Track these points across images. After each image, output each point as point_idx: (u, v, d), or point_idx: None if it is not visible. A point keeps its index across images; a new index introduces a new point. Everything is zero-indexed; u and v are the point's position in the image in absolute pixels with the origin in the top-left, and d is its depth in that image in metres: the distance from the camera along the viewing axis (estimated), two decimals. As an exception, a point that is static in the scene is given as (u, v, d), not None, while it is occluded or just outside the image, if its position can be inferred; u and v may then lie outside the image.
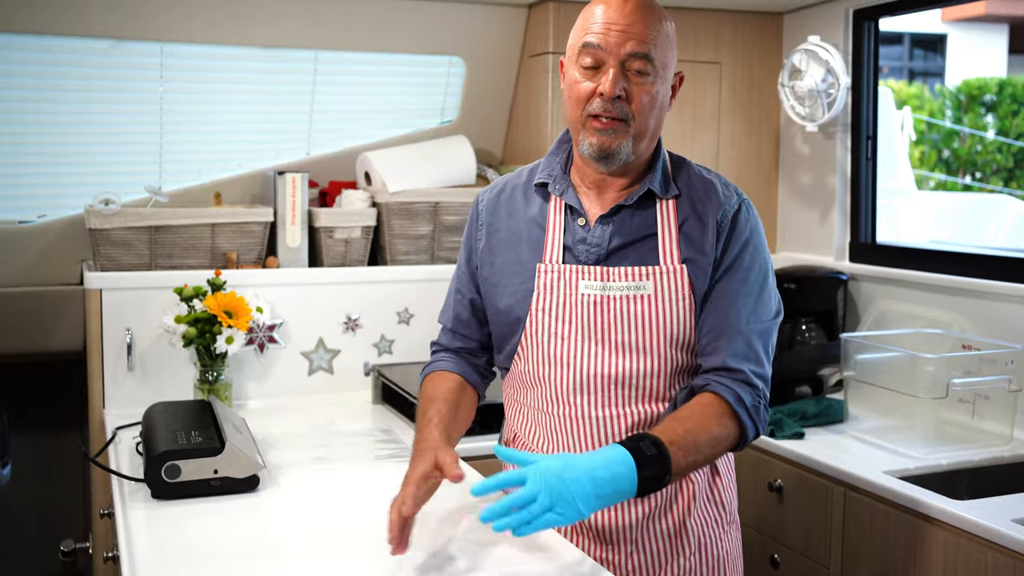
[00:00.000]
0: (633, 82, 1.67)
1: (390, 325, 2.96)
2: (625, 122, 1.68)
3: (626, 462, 1.52)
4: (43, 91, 2.86)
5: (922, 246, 3.06)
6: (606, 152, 1.69)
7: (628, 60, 1.66)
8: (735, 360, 1.71)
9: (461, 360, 1.91)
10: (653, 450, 1.55)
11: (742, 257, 1.74)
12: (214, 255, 2.81)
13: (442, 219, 3.00)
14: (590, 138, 1.69)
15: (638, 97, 1.67)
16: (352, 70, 3.15)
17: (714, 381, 1.70)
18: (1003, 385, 2.48)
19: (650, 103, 1.68)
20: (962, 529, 2.04)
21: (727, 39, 3.29)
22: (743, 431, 1.70)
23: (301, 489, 2.04)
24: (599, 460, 1.51)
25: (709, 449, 1.64)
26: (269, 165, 3.12)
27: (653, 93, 1.68)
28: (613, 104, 1.66)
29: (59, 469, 3.30)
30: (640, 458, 1.53)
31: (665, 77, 1.71)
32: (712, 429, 1.65)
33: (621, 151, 1.69)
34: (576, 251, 1.76)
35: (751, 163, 3.38)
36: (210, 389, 2.59)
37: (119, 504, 1.93)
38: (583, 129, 1.70)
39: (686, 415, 1.66)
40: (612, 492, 1.51)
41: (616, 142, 1.68)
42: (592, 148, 1.70)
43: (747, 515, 2.38)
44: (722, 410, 1.68)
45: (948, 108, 10.37)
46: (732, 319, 1.72)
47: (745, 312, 1.73)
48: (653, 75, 1.68)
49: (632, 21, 1.66)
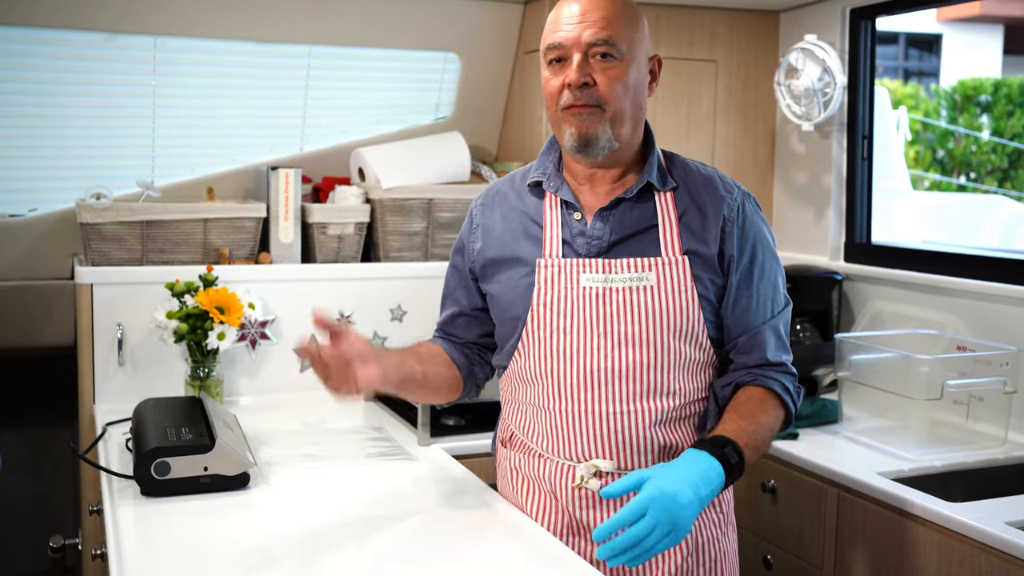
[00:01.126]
0: (599, 68, 1.69)
1: (383, 322, 2.95)
2: (599, 107, 1.69)
3: (720, 474, 1.59)
4: (34, 84, 2.84)
5: (917, 246, 3.05)
6: (585, 139, 1.70)
7: (590, 48, 1.68)
8: (775, 354, 1.80)
9: (456, 346, 1.94)
10: (736, 457, 1.62)
11: (757, 250, 1.79)
12: (206, 250, 2.80)
13: (436, 216, 2.99)
14: (568, 128, 1.71)
15: (606, 81, 1.69)
16: (346, 65, 3.14)
17: (760, 376, 1.78)
18: (997, 386, 2.47)
19: (622, 88, 1.69)
20: (956, 531, 2.03)
21: (723, 37, 3.28)
22: (788, 416, 1.80)
23: (292, 487, 2.03)
24: (700, 476, 1.56)
25: (766, 445, 1.74)
26: (262, 160, 3.11)
27: (624, 78, 1.70)
28: (581, 91, 1.68)
29: (48, 465, 3.28)
30: (728, 468, 1.60)
31: (635, 60, 1.72)
32: (770, 423, 1.74)
33: (600, 137, 1.70)
34: (575, 245, 1.76)
35: (747, 162, 3.37)
36: (201, 385, 2.58)
37: (108, 501, 1.92)
38: (562, 123, 1.72)
39: (748, 412, 1.72)
40: (704, 505, 1.58)
41: (593, 127, 1.70)
42: (572, 138, 1.71)
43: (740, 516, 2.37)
44: (774, 402, 1.77)
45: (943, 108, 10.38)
46: (762, 314, 1.79)
47: (770, 304, 1.80)
48: (619, 57, 1.69)
49: (588, 9, 1.69)
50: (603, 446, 1.74)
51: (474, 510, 1.89)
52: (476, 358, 1.95)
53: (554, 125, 1.76)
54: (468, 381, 1.94)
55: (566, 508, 1.78)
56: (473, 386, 1.96)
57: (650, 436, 1.74)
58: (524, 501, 1.84)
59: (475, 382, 1.96)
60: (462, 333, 1.94)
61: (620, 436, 1.74)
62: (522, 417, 1.85)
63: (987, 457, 2.44)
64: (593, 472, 1.73)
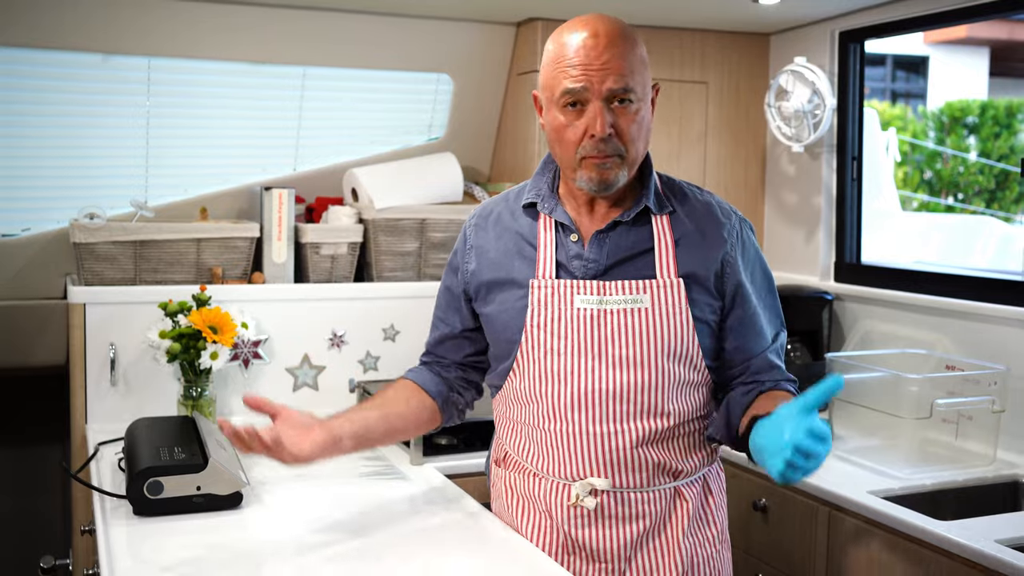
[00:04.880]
0: (618, 113, 1.68)
1: (376, 342, 2.95)
2: (620, 156, 1.69)
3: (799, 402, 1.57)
4: (29, 104, 2.85)
5: (907, 266, 3.07)
6: (606, 184, 1.71)
7: (611, 96, 1.67)
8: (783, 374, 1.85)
9: (432, 374, 1.95)
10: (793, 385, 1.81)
11: (755, 276, 1.82)
12: (199, 270, 2.80)
13: (429, 236, 3.00)
14: (588, 174, 1.71)
15: (627, 128, 1.69)
16: (340, 86, 3.15)
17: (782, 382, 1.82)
18: (986, 405, 2.49)
19: (638, 130, 1.71)
20: (946, 549, 2.04)
21: (714, 59, 3.31)
22: None
23: (285, 506, 2.03)
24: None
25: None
26: (256, 180, 3.11)
27: (639, 119, 1.70)
28: (606, 143, 1.67)
29: (40, 484, 3.27)
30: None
31: (646, 98, 1.73)
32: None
33: (619, 179, 1.72)
34: (571, 267, 1.76)
35: (737, 183, 3.40)
36: (194, 405, 2.57)
37: (100, 520, 1.92)
38: (580, 168, 1.71)
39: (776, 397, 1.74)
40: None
41: (614, 173, 1.71)
42: (592, 183, 1.71)
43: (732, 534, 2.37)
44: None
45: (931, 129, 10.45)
46: (765, 339, 1.83)
47: (771, 329, 1.84)
48: (636, 101, 1.69)
49: (608, 58, 1.66)
50: (597, 465, 1.75)
51: (468, 529, 1.89)
52: (458, 383, 1.96)
53: (563, 163, 1.75)
54: (445, 410, 1.94)
55: (561, 527, 1.79)
56: (454, 411, 1.97)
57: (644, 455, 1.74)
58: (519, 520, 1.84)
59: (456, 408, 1.97)
60: (449, 354, 1.95)
61: (614, 456, 1.74)
62: (516, 437, 1.85)
63: (976, 475, 2.45)
64: (588, 490, 1.74)
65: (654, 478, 1.76)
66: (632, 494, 1.76)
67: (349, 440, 1.79)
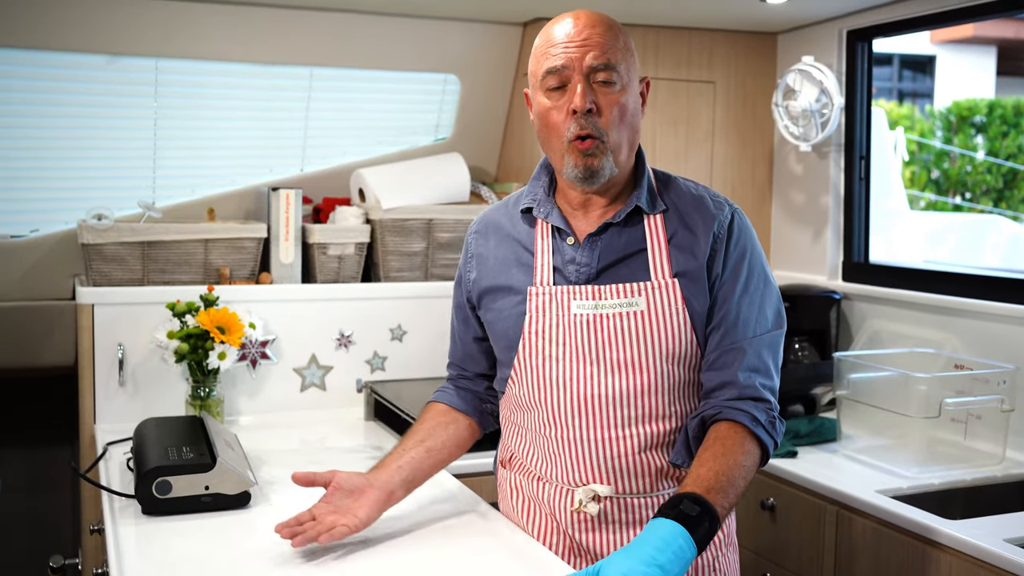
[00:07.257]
0: (600, 93, 1.67)
1: (383, 342, 2.96)
2: (601, 140, 1.68)
3: (680, 534, 1.45)
4: (37, 105, 2.86)
5: (915, 266, 3.07)
6: (591, 171, 1.69)
7: (592, 73, 1.67)
8: (746, 375, 1.69)
9: (460, 390, 1.95)
10: (696, 508, 1.49)
11: (740, 266, 1.73)
12: (207, 271, 2.81)
13: (436, 236, 3.01)
14: (574, 160, 1.69)
15: (608, 110, 1.67)
16: (347, 87, 3.16)
17: (726, 407, 1.67)
18: (995, 405, 2.48)
19: (620, 114, 1.68)
20: (955, 549, 2.04)
21: (721, 58, 3.30)
22: (764, 450, 1.68)
23: (293, 506, 2.03)
24: (657, 543, 1.44)
25: (742, 481, 1.60)
26: (263, 181, 3.12)
27: (622, 103, 1.68)
28: (587, 120, 1.66)
29: (49, 484, 3.28)
30: (689, 523, 1.47)
31: (631, 86, 1.71)
32: (739, 459, 1.61)
33: (604, 168, 1.69)
34: (566, 272, 1.75)
35: (745, 182, 3.39)
36: (202, 405, 2.58)
37: (109, 520, 1.92)
38: (567, 154, 1.70)
39: (710, 456, 1.61)
40: (679, 568, 1.45)
41: (597, 160, 1.68)
42: (577, 170, 1.69)
43: (740, 534, 2.38)
44: (742, 436, 1.64)
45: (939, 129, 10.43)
46: (739, 331, 1.71)
47: (751, 323, 1.72)
48: (619, 83, 1.68)
49: (589, 34, 1.67)
50: (599, 471, 1.74)
51: (475, 529, 1.89)
52: (486, 392, 1.96)
53: (552, 153, 1.74)
54: (483, 421, 1.95)
55: (566, 531, 1.78)
56: (490, 419, 1.97)
57: (646, 460, 1.73)
58: (525, 521, 1.84)
59: (491, 416, 1.96)
60: (471, 366, 1.95)
61: (616, 461, 1.73)
62: (520, 440, 1.85)
63: (985, 475, 2.44)
64: (591, 496, 1.73)
65: (657, 483, 1.75)
66: (636, 500, 1.74)
67: (401, 490, 1.81)
